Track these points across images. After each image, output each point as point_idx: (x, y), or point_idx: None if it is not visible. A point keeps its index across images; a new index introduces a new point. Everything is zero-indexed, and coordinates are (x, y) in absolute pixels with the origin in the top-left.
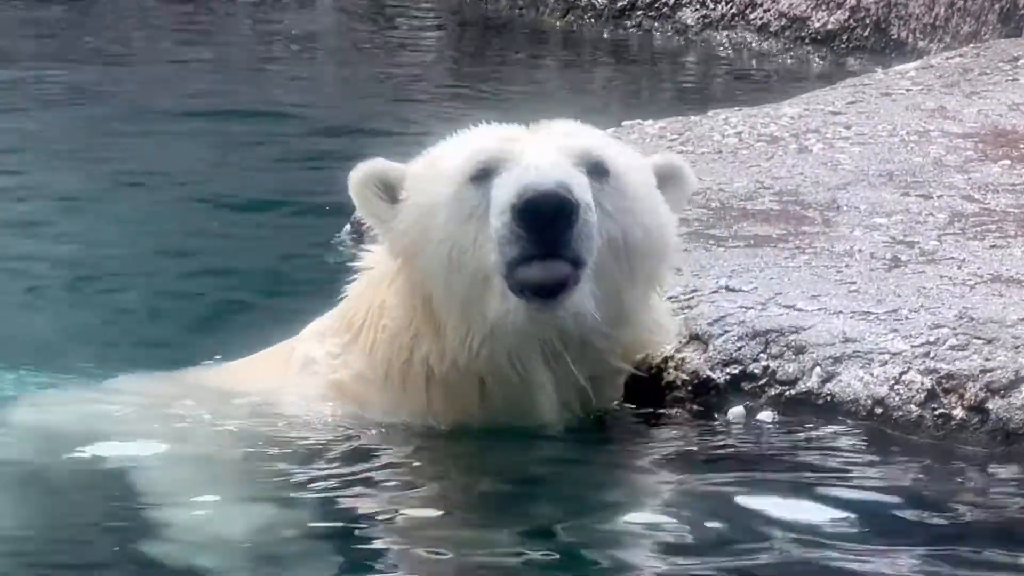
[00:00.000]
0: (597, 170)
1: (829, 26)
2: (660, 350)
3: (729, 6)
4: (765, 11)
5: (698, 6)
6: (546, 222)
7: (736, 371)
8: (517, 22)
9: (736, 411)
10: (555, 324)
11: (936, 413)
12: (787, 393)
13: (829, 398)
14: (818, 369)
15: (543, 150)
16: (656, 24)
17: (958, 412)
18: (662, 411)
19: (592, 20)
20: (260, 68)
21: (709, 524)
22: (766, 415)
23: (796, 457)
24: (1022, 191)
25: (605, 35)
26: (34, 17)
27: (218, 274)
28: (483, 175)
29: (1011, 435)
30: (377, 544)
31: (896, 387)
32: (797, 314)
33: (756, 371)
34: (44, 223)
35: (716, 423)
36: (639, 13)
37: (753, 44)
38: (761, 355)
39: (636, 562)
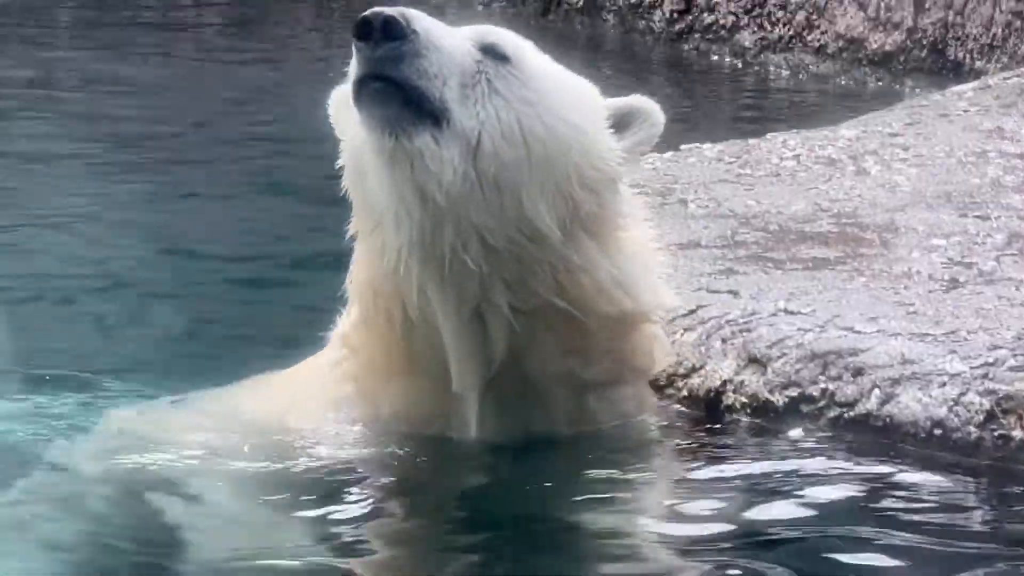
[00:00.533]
0: (493, 51)
1: (886, 47)
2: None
3: (787, 28)
4: (822, 33)
5: (755, 28)
6: (375, 34)
7: (795, 393)
8: (576, 40)
9: (795, 434)
10: (405, 170)
11: (995, 434)
12: (846, 415)
13: (888, 420)
14: (877, 391)
15: None
16: (714, 47)
17: (1017, 433)
18: (719, 434)
19: (650, 41)
20: (321, 87)
21: (762, 552)
22: (824, 435)
23: (853, 480)
24: None
25: (662, 57)
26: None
27: (278, 282)
28: None
29: None
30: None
31: (955, 408)
32: (855, 336)
33: (815, 393)
34: (94, 236)
35: (773, 446)
36: (696, 36)
37: (811, 66)
38: (820, 377)
39: None
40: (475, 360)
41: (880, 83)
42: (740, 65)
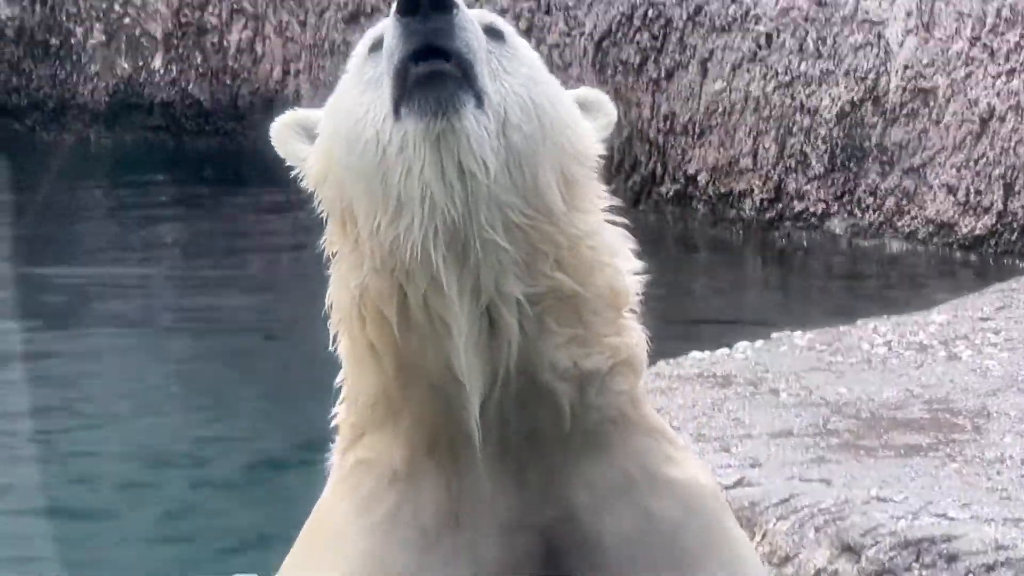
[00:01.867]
0: (492, 30)
1: (977, 231)
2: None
3: (877, 215)
4: (912, 218)
5: (846, 215)
6: (422, 8)
7: None
8: (667, 231)
9: None
10: (453, 150)
11: None
12: None
13: None
14: None
15: None
16: (804, 234)
17: None
18: None
19: (740, 231)
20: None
21: None
22: None
23: None
24: None
25: (754, 245)
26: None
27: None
28: (380, 42)
29: None
30: None
31: None
32: (948, 523)
33: None
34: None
35: None
36: (787, 224)
37: (901, 251)
38: (913, 564)
39: None
40: (482, 359)
41: (971, 267)
42: (831, 252)
